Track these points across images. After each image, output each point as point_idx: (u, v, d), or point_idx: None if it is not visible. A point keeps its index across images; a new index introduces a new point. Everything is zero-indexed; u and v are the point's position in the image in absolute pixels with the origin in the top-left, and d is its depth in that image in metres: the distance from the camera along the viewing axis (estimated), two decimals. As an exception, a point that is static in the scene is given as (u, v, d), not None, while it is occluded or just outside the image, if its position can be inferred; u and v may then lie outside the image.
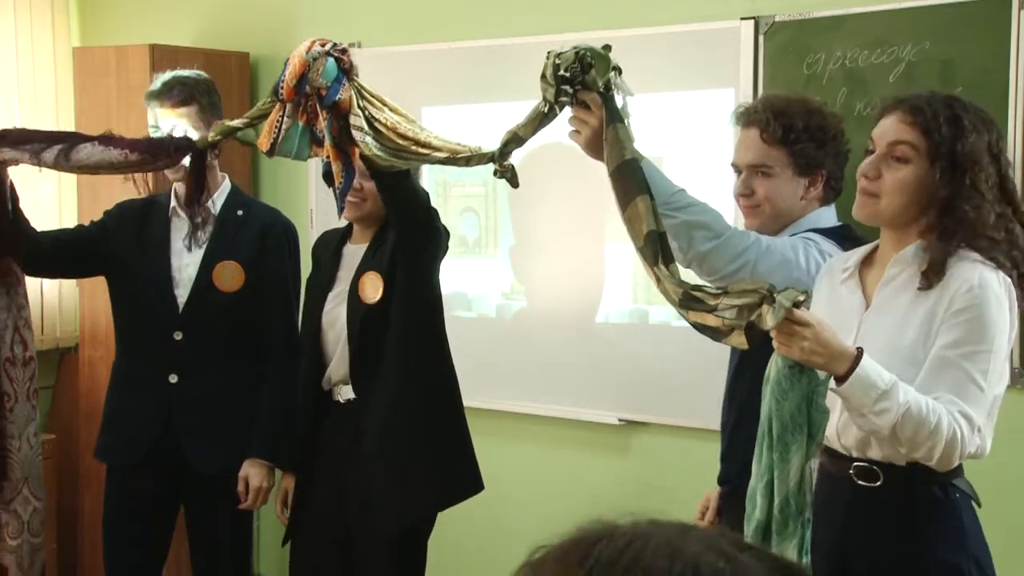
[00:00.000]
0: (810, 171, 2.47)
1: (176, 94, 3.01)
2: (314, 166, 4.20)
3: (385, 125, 2.37)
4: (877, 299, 2.13)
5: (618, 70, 2.15)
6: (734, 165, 2.56)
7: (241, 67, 4.46)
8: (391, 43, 4.09)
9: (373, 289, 2.90)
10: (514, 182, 2.27)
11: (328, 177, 2.49)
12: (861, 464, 2.08)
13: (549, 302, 3.90)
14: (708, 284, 2.12)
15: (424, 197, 2.78)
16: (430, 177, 3.99)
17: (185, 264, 3.10)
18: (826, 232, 2.44)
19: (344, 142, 2.40)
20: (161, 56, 4.23)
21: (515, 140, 2.24)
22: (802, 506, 2.05)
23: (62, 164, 2.64)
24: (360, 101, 2.37)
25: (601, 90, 2.14)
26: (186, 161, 2.71)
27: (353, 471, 2.92)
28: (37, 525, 2.82)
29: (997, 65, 3.03)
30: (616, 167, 2.13)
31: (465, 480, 3.01)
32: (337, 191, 2.47)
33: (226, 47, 4.47)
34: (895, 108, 2.09)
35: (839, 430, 2.11)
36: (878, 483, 2.06)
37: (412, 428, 2.90)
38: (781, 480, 2.04)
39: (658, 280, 2.09)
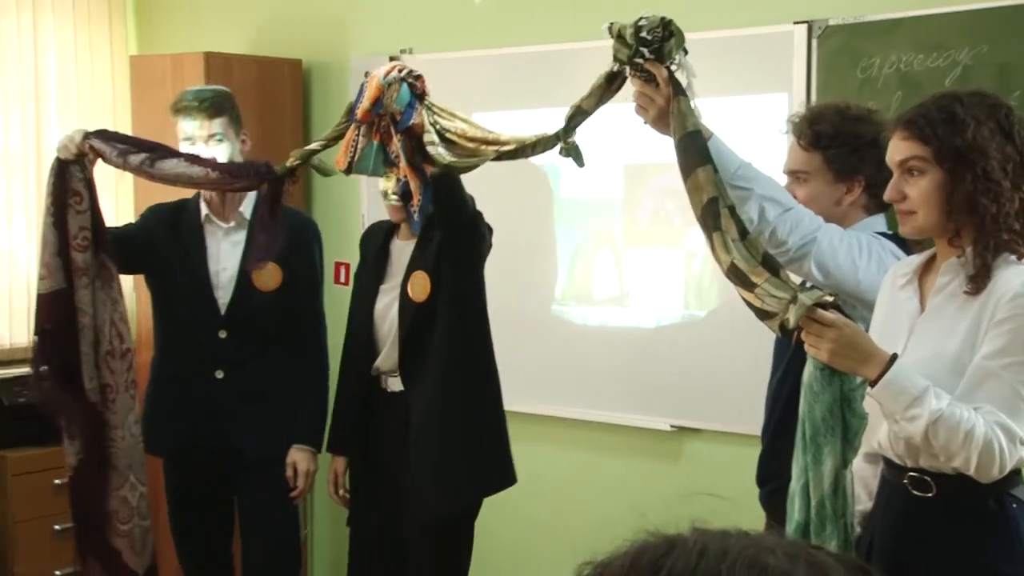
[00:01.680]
0: (845, 176, 2.52)
1: (210, 106, 3.15)
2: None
3: (455, 134, 2.46)
4: (930, 306, 2.12)
5: (686, 50, 2.20)
6: (784, 172, 2.62)
7: (293, 74, 4.50)
8: (441, 49, 4.10)
9: (421, 288, 3.01)
10: (579, 160, 2.33)
11: (407, 195, 2.60)
12: (914, 474, 2.07)
13: (601, 308, 3.89)
14: (758, 263, 2.12)
15: (471, 203, 2.89)
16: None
17: (223, 268, 3.23)
18: (886, 235, 2.45)
19: (418, 161, 2.50)
20: (215, 64, 4.28)
21: (580, 113, 2.31)
22: (840, 509, 2.06)
23: (146, 169, 2.81)
24: (431, 117, 2.47)
25: (669, 64, 2.18)
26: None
27: (402, 458, 3.03)
28: (144, 508, 2.97)
29: (1056, 68, 2.99)
30: (680, 138, 2.18)
31: (503, 473, 3.12)
32: (415, 209, 2.58)
33: (279, 54, 4.51)
34: (895, 128, 2.12)
35: (892, 439, 2.09)
36: (931, 494, 2.05)
37: (454, 420, 3.01)
38: (816, 483, 2.07)
39: (712, 247, 2.14)
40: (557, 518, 4.00)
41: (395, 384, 3.10)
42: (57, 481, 3.69)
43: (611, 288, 3.90)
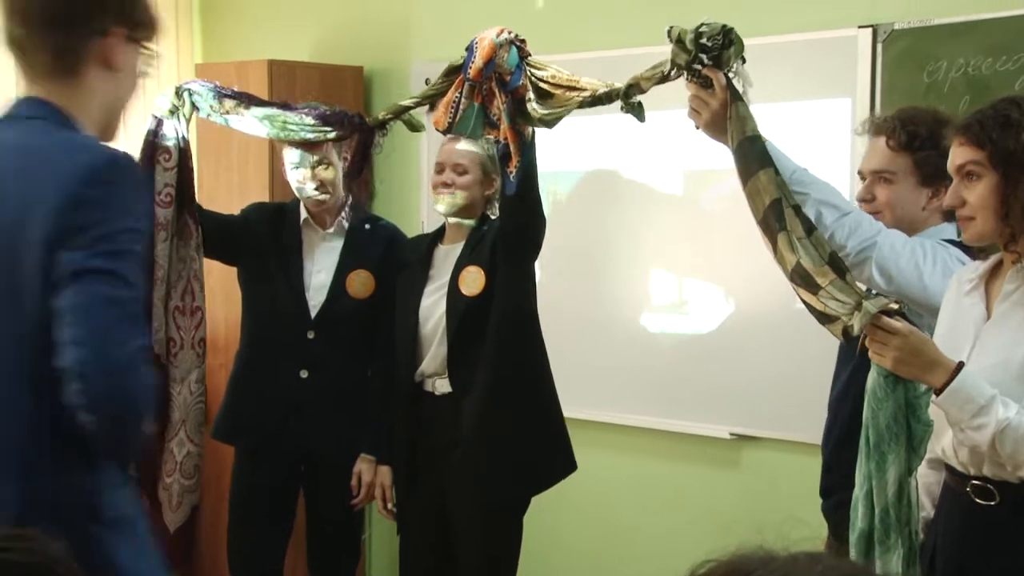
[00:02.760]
0: (933, 181, 2.49)
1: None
2: (426, 180, 4.24)
3: (547, 82, 2.53)
4: (995, 313, 2.10)
5: (744, 59, 2.20)
6: (860, 172, 2.61)
7: (356, 81, 4.54)
8: (503, 56, 4.10)
9: (475, 282, 3.02)
10: (640, 117, 2.40)
11: (505, 158, 2.66)
12: (977, 482, 2.04)
13: (659, 314, 3.87)
14: (824, 263, 2.11)
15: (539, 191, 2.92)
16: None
17: (317, 271, 3.31)
18: (954, 242, 2.41)
19: (519, 123, 2.57)
20: (279, 71, 4.33)
21: (636, 88, 2.38)
22: (904, 518, 2.04)
23: (240, 111, 2.92)
24: (530, 70, 2.56)
25: (727, 71, 2.19)
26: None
27: (452, 457, 3.03)
28: (190, 468, 3.00)
29: None
30: (738, 143, 2.18)
31: (562, 463, 3.12)
32: (513, 172, 2.64)
33: (341, 62, 4.56)
34: (952, 136, 2.12)
35: (955, 446, 2.07)
36: (994, 502, 2.02)
37: (509, 415, 3.01)
38: (879, 490, 2.06)
39: (775, 249, 2.14)
40: (614, 524, 3.98)
41: (443, 386, 3.09)
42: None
43: (670, 294, 3.87)
